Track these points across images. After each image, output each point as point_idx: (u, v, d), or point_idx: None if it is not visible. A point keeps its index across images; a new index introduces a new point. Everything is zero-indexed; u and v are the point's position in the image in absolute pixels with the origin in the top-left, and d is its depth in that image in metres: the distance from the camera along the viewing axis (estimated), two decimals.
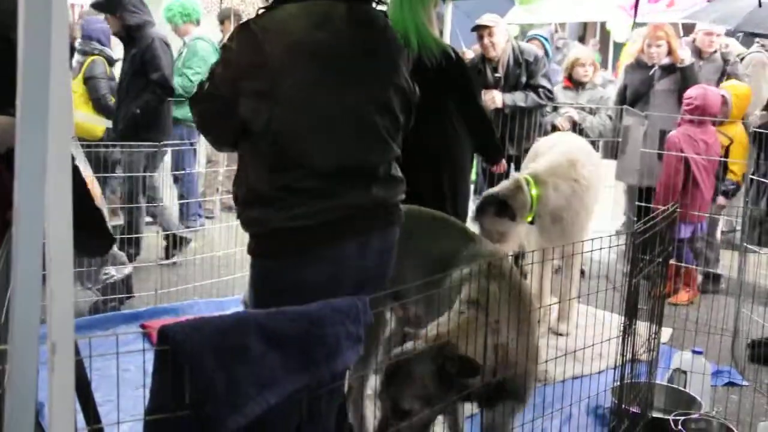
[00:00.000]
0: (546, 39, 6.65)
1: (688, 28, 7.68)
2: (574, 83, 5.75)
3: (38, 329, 1.11)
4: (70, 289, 0.99)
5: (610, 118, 5.54)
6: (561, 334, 4.24)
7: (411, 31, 3.31)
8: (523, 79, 5.40)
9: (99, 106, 5.96)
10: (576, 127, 5.52)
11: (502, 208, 4.02)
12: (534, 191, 4.10)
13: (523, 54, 5.41)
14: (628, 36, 8.97)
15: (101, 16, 5.82)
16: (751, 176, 4.36)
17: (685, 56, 5.53)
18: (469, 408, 3.28)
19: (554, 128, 5.57)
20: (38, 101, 1.08)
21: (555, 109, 5.66)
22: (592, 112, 5.56)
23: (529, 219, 4.17)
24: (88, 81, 5.93)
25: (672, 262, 4.90)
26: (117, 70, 5.97)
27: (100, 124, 5.97)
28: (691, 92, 5.04)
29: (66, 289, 0.98)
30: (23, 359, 1.09)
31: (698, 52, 5.87)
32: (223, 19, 6.91)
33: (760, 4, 3.15)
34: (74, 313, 1.06)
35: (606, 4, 7.80)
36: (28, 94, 1.08)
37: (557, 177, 4.16)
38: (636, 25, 6.59)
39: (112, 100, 5.96)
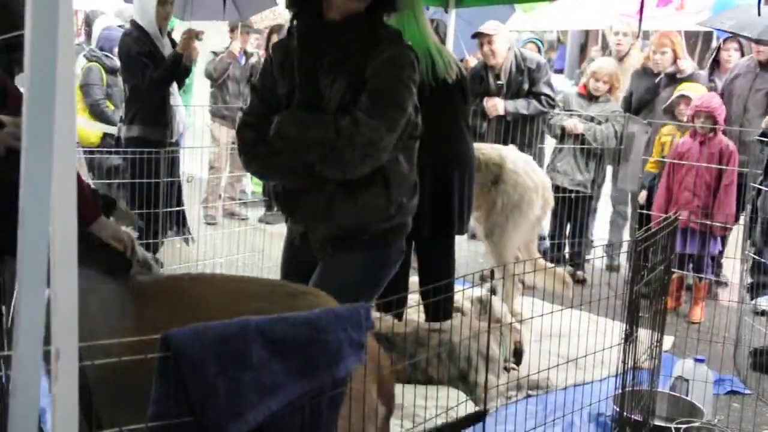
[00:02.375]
0: (540, 41, 6.61)
1: (690, 37, 7.68)
2: (588, 93, 5.65)
3: (41, 335, 1.12)
4: (73, 295, 1.00)
5: (616, 132, 5.51)
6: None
7: (433, 51, 3.46)
8: (526, 86, 5.40)
9: (94, 111, 5.99)
10: (579, 137, 5.51)
11: None
12: None
13: (526, 61, 5.42)
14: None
15: (123, 25, 5.85)
16: (759, 185, 4.35)
17: (686, 66, 5.53)
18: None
19: (563, 131, 5.56)
20: (44, 109, 1.08)
21: (567, 111, 5.64)
22: (600, 123, 5.54)
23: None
24: (83, 87, 5.96)
25: (690, 274, 4.92)
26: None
27: (95, 130, 6.00)
28: (696, 100, 5.03)
29: (69, 296, 0.99)
30: (27, 365, 1.09)
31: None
32: (233, 28, 6.97)
33: (759, 13, 3.15)
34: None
35: (608, 12, 7.81)
36: (34, 100, 1.09)
37: None
38: (639, 32, 6.58)
39: (110, 107, 5.98)
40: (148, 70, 4.66)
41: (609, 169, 5.95)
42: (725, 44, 5.71)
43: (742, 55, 5.56)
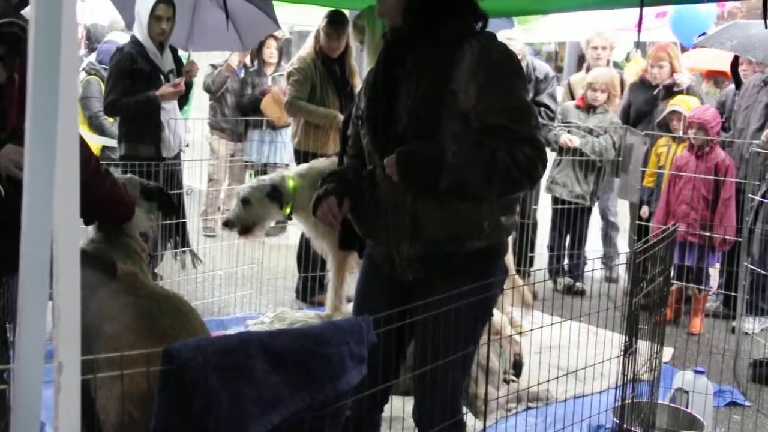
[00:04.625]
0: None
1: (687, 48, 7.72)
2: (587, 105, 5.65)
3: (44, 349, 1.12)
4: (77, 308, 1.00)
5: (614, 142, 5.52)
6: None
7: None
8: (531, 95, 5.42)
9: (93, 124, 6.00)
10: (577, 151, 5.53)
11: (274, 193, 4.26)
12: (291, 183, 4.28)
13: (535, 71, 5.44)
14: (625, 54, 9.00)
15: (124, 37, 5.87)
16: (761, 198, 4.37)
17: (683, 80, 5.56)
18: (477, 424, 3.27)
19: (560, 147, 5.57)
20: (46, 121, 1.09)
21: (564, 125, 5.65)
22: (598, 135, 5.55)
23: (287, 211, 4.32)
24: (81, 100, 5.97)
25: (692, 286, 4.93)
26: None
27: (94, 142, 6.02)
28: (690, 111, 5.06)
29: (73, 309, 0.99)
30: (29, 379, 1.09)
31: None
32: None
33: (766, 25, 3.12)
34: None
35: (606, 25, 7.84)
36: (37, 113, 1.09)
37: (313, 176, 4.24)
38: (637, 43, 6.62)
39: (108, 119, 6.01)
40: (125, 91, 4.62)
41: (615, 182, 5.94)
42: (742, 58, 5.65)
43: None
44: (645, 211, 5.41)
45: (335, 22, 4.99)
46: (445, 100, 2.13)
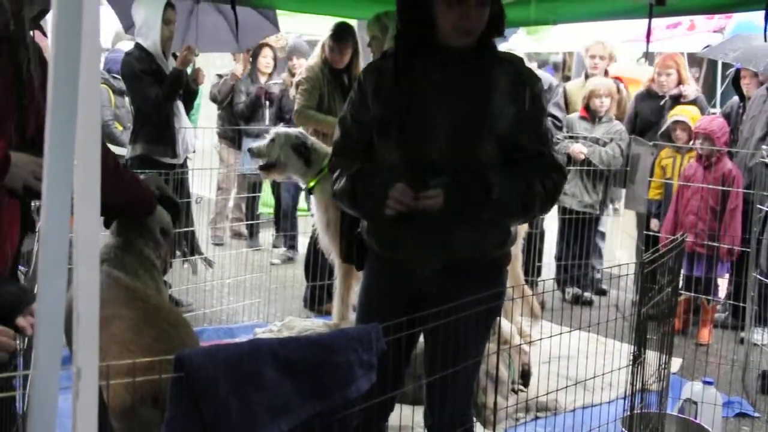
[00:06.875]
0: None
1: (695, 60, 7.73)
2: (591, 114, 5.66)
3: (60, 355, 1.13)
4: (95, 313, 1.01)
5: (621, 150, 5.53)
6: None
7: None
8: None
9: (102, 132, 6.03)
10: (584, 160, 5.54)
11: (299, 147, 4.19)
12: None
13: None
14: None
15: (128, 46, 5.90)
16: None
17: (690, 92, 5.56)
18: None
19: (569, 156, 5.57)
20: (65, 133, 1.11)
21: (571, 137, 5.66)
22: (605, 144, 5.56)
23: (312, 184, 4.26)
24: None
25: (701, 296, 4.92)
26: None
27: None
28: (697, 122, 5.07)
29: (92, 314, 1.00)
30: (46, 385, 1.10)
31: None
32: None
33: (766, 38, 3.15)
34: None
35: (615, 36, 7.85)
36: (56, 122, 1.11)
37: None
38: (646, 54, 6.63)
39: (118, 127, 6.04)
40: (152, 88, 4.67)
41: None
42: (743, 71, 5.58)
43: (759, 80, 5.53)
44: (655, 224, 5.39)
45: (338, 37, 5.02)
46: (485, 123, 2.18)
